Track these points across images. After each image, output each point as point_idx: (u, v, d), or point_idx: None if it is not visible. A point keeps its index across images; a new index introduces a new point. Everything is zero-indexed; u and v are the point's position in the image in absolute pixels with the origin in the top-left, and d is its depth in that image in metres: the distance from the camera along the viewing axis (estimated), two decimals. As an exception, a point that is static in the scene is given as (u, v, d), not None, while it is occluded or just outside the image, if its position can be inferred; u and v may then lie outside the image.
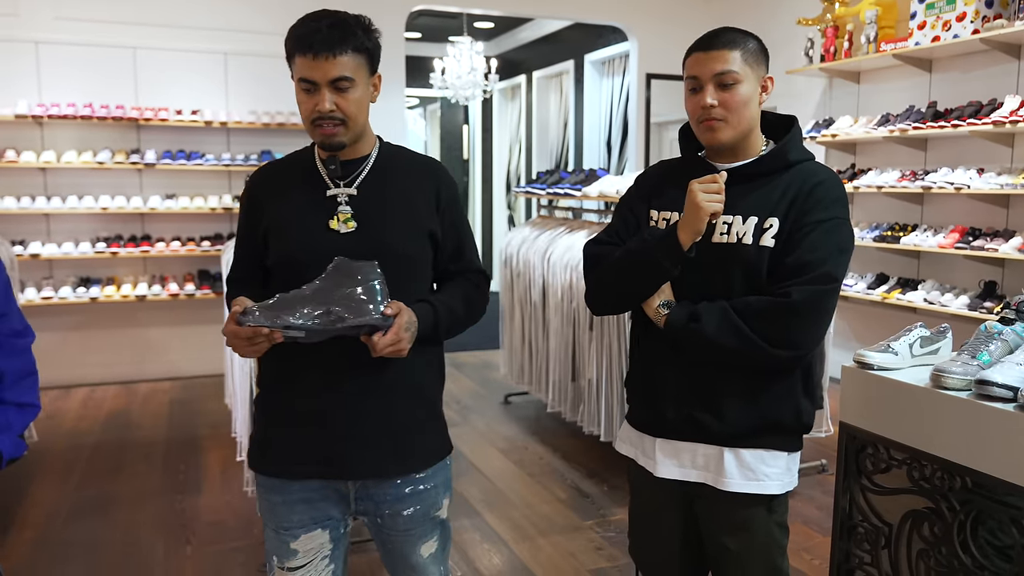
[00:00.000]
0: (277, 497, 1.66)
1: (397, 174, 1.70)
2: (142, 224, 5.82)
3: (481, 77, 7.88)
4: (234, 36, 5.71)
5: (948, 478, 1.68)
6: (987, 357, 1.70)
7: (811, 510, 3.51)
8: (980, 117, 4.42)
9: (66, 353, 5.64)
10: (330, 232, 1.60)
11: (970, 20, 4.46)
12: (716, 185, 1.59)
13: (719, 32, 1.63)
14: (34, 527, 3.37)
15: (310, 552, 1.67)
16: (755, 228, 1.61)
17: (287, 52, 1.59)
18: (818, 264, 1.55)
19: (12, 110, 5.27)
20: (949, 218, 4.94)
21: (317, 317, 1.48)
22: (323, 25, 1.53)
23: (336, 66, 1.53)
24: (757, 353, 1.56)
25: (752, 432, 1.65)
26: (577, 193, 4.53)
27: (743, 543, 1.69)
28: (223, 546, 3.20)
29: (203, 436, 4.57)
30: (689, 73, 1.63)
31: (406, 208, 1.67)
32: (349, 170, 1.65)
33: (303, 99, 1.58)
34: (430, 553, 1.75)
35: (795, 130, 1.70)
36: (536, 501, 3.67)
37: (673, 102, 7.22)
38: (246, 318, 1.47)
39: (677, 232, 1.60)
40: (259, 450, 1.70)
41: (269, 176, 1.73)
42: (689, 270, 1.63)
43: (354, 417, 1.62)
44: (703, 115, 1.62)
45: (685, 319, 1.60)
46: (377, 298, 1.51)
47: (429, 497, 1.71)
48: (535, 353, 4.62)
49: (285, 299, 1.50)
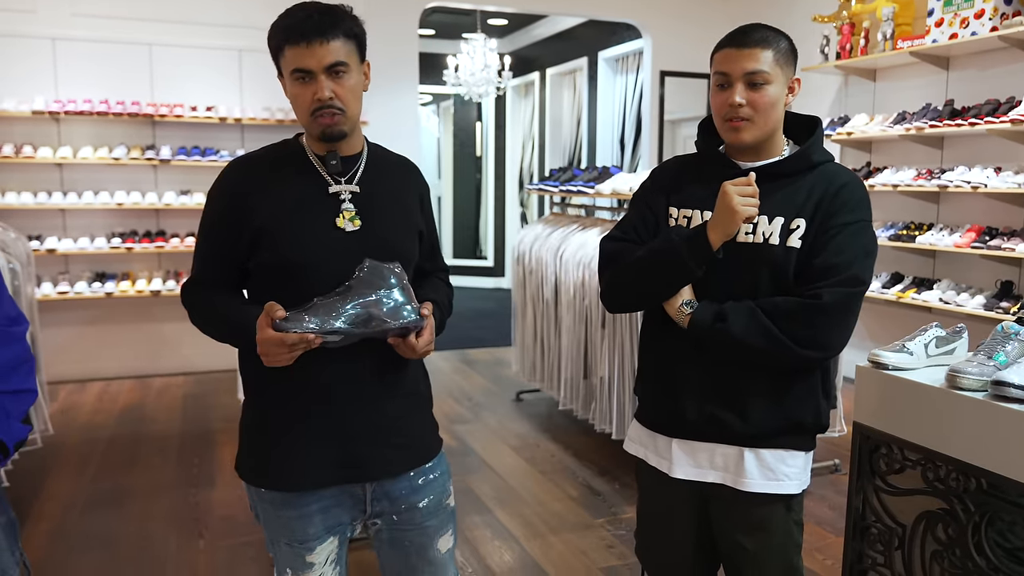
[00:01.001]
0: (292, 512, 1.60)
1: (387, 172, 1.68)
2: (157, 220, 5.85)
3: (494, 74, 7.88)
4: (249, 32, 5.72)
5: (963, 479, 1.67)
6: (1004, 358, 1.69)
7: (824, 510, 3.50)
8: (998, 115, 4.37)
9: (81, 347, 5.69)
10: (336, 231, 1.56)
11: (988, 17, 4.42)
12: (751, 188, 1.57)
13: (752, 29, 1.61)
14: (50, 519, 3.40)
15: (323, 562, 1.65)
16: (782, 228, 1.60)
17: (274, 47, 1.53)
18: (846, 267, 1.55)
19: (29, 106, 5.31)
20: (965, 217, 4.90)
21: (360, 321, 1.46)
22: (312, 12, 1.50)
23: (330, 52, 1.49)
24: (785, 354, 1.55)
25: (775, 432, 1.64)
26: (590, 191, 4.53)
27: (761, 542, 1.68)
28: (235, 540, 3.22)
29: (216, 430, 4.60)
30: (718, 69, 1.61)
31: (401, 206, 1.67)
32: (347, 167, 1.61)
33: (299, 91, 1.52)
34: (448, 548, 1.76)
35: (819, 131, 1.68)
36: (547, 498, 3.67)
37: (687, 99, 7.19)
38: (291, 325, 1.42)
39: (707, 233, 1.58)
40: (263, 464, 1.62)
41: (252, 171, 1.62)
42: (713, 269, 1.62)
43: (370, 419, 1.61)
44: (730, 113, 1.60)
45: (711, 319, 1.58)
46: (409, 300, 1.51)
47: (439, 484, 1.73)
48: (547, 350, 4.62)
49: (324, 302, 1.47)
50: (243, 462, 1.66)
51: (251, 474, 1.64)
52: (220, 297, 1.61)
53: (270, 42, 1.54)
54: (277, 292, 1.50)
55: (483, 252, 10.94)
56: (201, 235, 1.64)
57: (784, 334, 1.54)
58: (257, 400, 1.65)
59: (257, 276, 1.59)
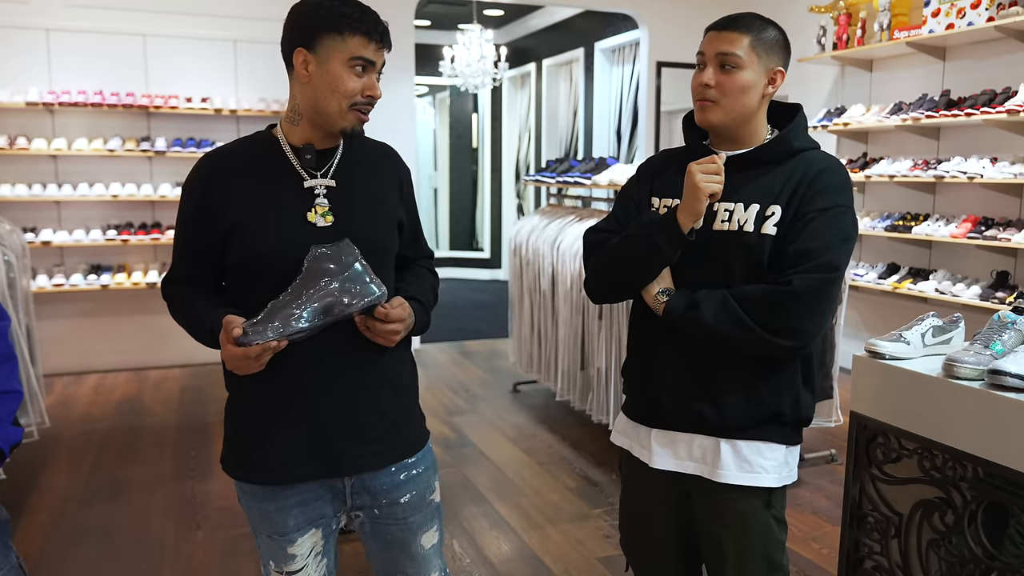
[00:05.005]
0: (270, 505, 1.60)
1: (364, 163, 1.65)
2: (152, 211, 5.83)
3: (491, 65, 7.84)
4: (244, 23, 5.70)
5: (959, 468, 1.68)
6: (1000, 347, 1.69)
7: (820, 499, 3.51)
8: (994, 106, 4.37)
9: (77, 340, 5.68)
10: (307, 226, 1.53)
11: (985, 7, 4.41)
12: (715, 166, 1.58)
13: (739, 15, 1.61)
14: (47, 512, 3.40)
15: (307, 553, 1.65)
16: (757, 215, 1.59)
17: (318, 26, 1.48)
18: (820, 252, 1.52)
19: (23, 97, 5.28)
20: (962, 207, 4.91)
21: (321, 313, 1.44)
22: (375, 16, 1.52)
23: (384, 54, 1.55)
24: (758, 342, 1.53)
25: (751, 423, 1.62)
26: (587, 182, 4.52)
27: (739, 537, 1.66)
28: (233, 531, 3.22)
29: (213, 422, 4.60)
30: (699, 50, 1.62)
31: (378, 198, 1.65)
32: (322, 161, 1.59)
33: (349, 78, 1.50)
34: (432, 544, 1.73)
35: (799, 118, 1.67)
36: (545, 489, 3.67)
37: (683, 90, 7.15)
38: (249, 338, 1.41)
39: (676, 215, 1.59)
40: (242, 458, 1.61)
41: (226, 165, 1.58)
42: (689, 258, 1.62)
43: (347, 412, 1.59)
44: (700, 93, 1.61)
45: (684, 307, 1.58)
46: (366, 276, 1.48)
47: (423, 480, 1.70)
48: (544, 341, 4.62)
49: (279, 305, 1.44)
50: (225, 455, 1.66)
51: (232, 467, 1.64)
52: (194, 296, 1.60)
53: (315, 19, 1.49)
54: (253, 287, 1.50)
55: (479, 244, 10.92)
56: (177, 230, 1.63)
57: (755, 321, 1.52)
58: (236, 393, 1.64)
59: (232, 271, 1.58)
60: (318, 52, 1.50)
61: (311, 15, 1.50)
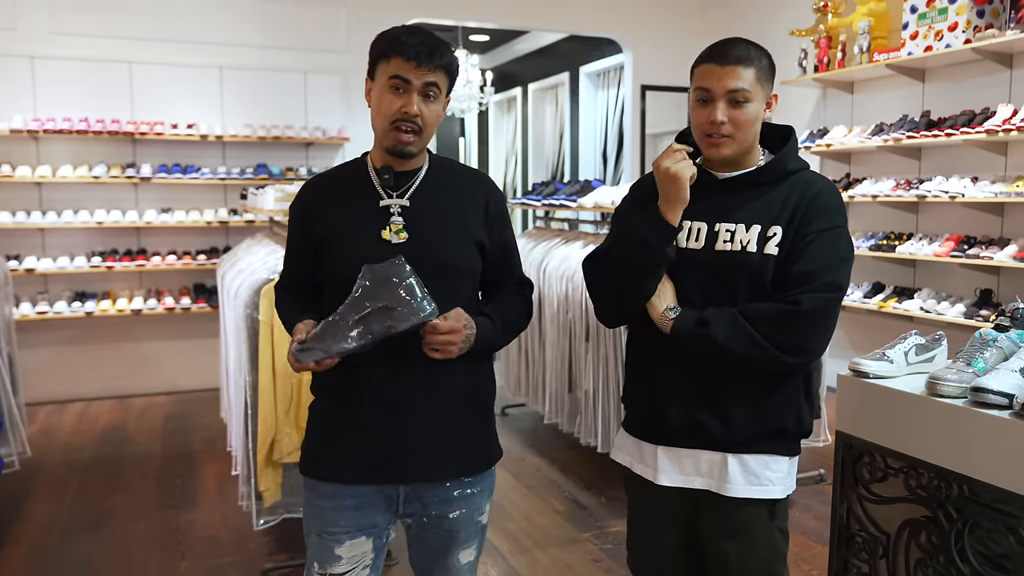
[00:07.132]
0: (328, 502, 1.68)
1: (447, 186, 1.73)
2: (138, 238, 5.81)
3: (477, 89, 7.90)
4: (229, 50, 5.72)
5: (945, 486, 1.68)
6: (982, 364, 1.70)
7: (809, 520, 3.50)
8: (973, 126, 4.43)
9: (61, 368, 5.62)
10: (382, 243, 1.63)
11: (962, 30, 4.48)
12: (679, 155, 1.63)
13: (733, 45, 1.62)
14: (28, 542, 3.34)
15: (354, 559, 1.69)
16: (759, 236, 1.62)
17: (376, 54, 1.62)
18: (823, 272, 1.57)
19: (8, 124, 5.27)
20: (944, 227, 4.95)
21: (369, 333, 1.51)
22: (425, 39, 1.59)
23: (429, 74, 1.60)
24: (766, 359, 1.57)
25: (757, 438, 1.66)
26: (573, 204, 4.54)
27: (744, 549, 1.69)
28: (218, 560, 3.17)
29: (198, 450, 4.54)
30: (700, 84, 1.63)
31: (456, 219, 1.70)
32: (402, 181, 1.68)
33: (389, 98, 1.60)
34: (468, 561, 1.78)
35: (792, 140, 1.71)
36: (533, 513, 3.65)
37: (668, 113, 7.24)
38: (305, 356, 1.54)
39: (660, 208, 1.63)
40: (314, 456, 1.72)
41: (321, 187, 1.75)
42: (693, 276, 1.65)
43: (415, 422, 1.65)
44: (711, 130, 1.62)
45: (693, 324, 1.61)
46: (418, 294, 1.53)
47: (474, 501, 1.76)
48: (532, 364, 4.61)
49: (330, 324, 1.53)
50: (302, 453, 1.77)
51: (304, 464, 1.74)
52: (291, 300, 1.75)
53: (375, 48, 1.64)
54: (335, 297, 1.60)
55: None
56: (287, 246, 1.82)
57: (765, 339, 1.56)
58: (317, 391, 1.75)
59: (322, 282, 1.70)
60: (376, 78, 1.64)
61: (373, 46, 1.65)
